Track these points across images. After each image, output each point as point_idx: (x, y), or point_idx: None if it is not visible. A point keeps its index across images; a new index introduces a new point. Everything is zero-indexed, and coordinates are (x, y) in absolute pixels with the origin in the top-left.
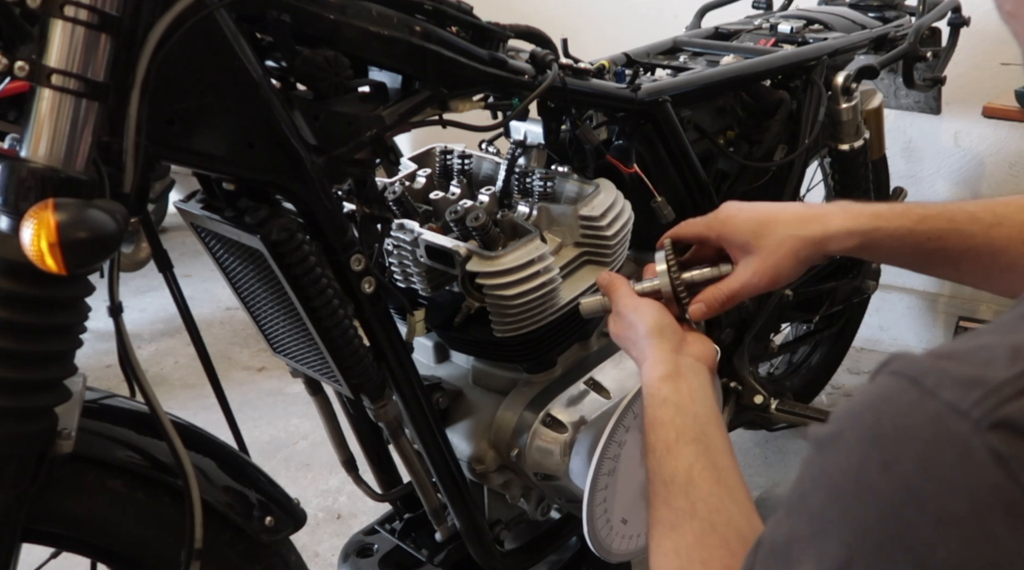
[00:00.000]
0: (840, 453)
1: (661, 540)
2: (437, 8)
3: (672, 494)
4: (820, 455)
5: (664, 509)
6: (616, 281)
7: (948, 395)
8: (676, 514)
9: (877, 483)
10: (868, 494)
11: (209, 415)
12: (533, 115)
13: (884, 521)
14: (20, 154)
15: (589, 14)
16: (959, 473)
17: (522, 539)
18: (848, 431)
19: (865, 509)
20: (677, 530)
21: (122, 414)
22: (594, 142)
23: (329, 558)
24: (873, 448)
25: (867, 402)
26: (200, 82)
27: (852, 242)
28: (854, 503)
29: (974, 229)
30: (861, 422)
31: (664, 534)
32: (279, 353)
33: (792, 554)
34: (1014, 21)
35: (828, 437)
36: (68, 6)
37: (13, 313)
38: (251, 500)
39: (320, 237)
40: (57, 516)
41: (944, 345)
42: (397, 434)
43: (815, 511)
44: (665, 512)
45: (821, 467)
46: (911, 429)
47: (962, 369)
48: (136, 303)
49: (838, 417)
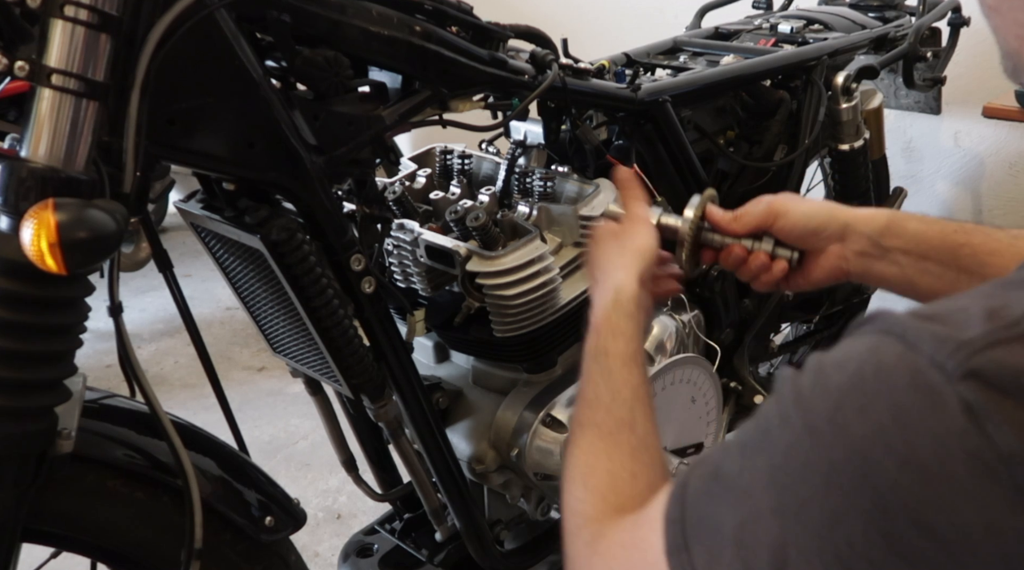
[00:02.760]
0: (819, 396)
1: (594, 440)
2: (437, 8)
3: (616, 404)
4: (795, 396)
5: (604, 414)
6: (635, 187)
7: (928, 349)
8: (616, 423)
9: (851, 424)
10: (841, 434)
11: (209, 415)
12: (533, 115)
13: (852, 460)
14: (20, 154)
15: (589, 14)
16: (928, 419)
17: (522, 539)
18: (832, 377)
19: (836, 447)
20: (613, 437)
21: (122, 414)
22: (594, 142)
23: (329, 558)
24: (853, 393)
25: (853, 354)
26: (200, 82)
27: (880, 221)
28: (826, 441)
29: (999, 235)
30: (844, 370)
31: (599, 436)
32: (279, 353)
33: (740, 485)
34: (995, 15)
35: (809, 382)
36: (68, 6)
37: (13, 313)
38: (251, 500)
39: (320, 237)
40: (57, 516)
41: (924, 307)
42: (397, 434)
43: (781, 447)
44: (604, 416)
45: (795, 406)
46: (891, 379)
47: (941, 327)
48: (136, 303)
49: (820, 365)
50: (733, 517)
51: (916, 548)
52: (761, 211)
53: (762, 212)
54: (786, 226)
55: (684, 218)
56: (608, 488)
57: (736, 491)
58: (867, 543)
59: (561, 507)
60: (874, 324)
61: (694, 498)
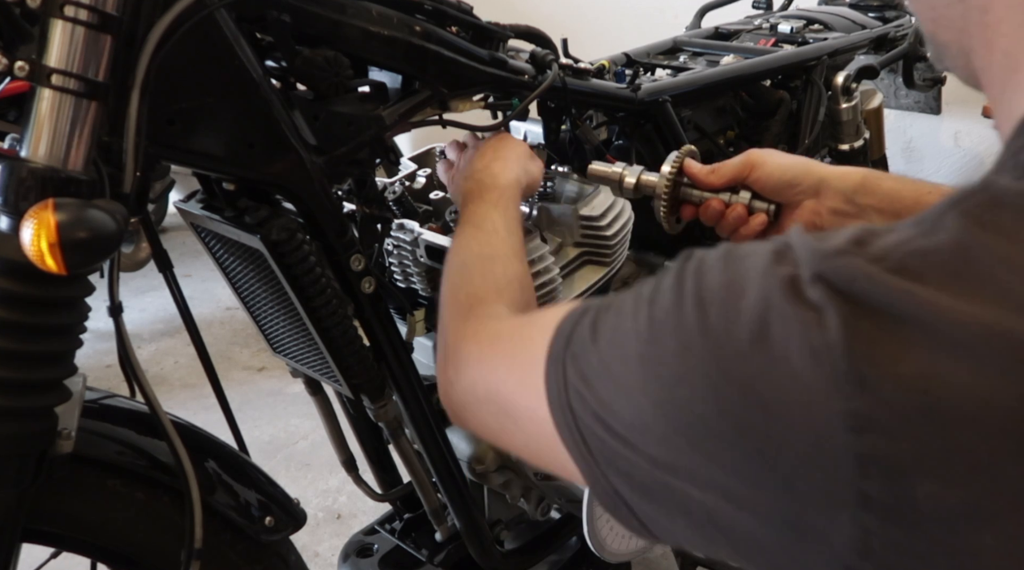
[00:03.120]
0: (706, 273)
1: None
2: (437, 8)
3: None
4: (695, 267)
5: (499, 243)
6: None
7: (800, 253)
8: (507, 251)
9: (717, 301)
10: (706, 305)
11: (209, 415)
12: (533, 115)
13: (710, 331)
14: (20, 154)
15: (589, 14)
16: (780, 308)
17: (522, 539)
18: (728, 261)
19: (700, 316)
20: (505, 258)
21: (122, 414)
22: (594, 142)
23: (329, 558)
24: (727, 274)
25: (752, 249)
26: (200, 82)
27: (854, 178)
28: (693, 309)
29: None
30: (735, 255)
31: (478, 262)
32: (279, 353)
33: (622, 325)
34: (913, 1)
35: (710, 259)
36: (68, 6)
37: (13, 313)
38: (251, 500)
39: (320, 237)
40: (57, 516)
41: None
42: (397, 434)
43: (661, 306)
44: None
45: (688, 276)
46: (764, 268)
47: (817, 241)
48: (136, 303)
49: (727, 250)
50: (609, 351)
51: (744, 416)
52: (737, 162)
53: (738, 163)
54: (761, 177)
55: (660, 173)
56: (505, 285)
57: (619, 330)
58: (704, 404)
59: (451, 285)
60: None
61: (587, 324)
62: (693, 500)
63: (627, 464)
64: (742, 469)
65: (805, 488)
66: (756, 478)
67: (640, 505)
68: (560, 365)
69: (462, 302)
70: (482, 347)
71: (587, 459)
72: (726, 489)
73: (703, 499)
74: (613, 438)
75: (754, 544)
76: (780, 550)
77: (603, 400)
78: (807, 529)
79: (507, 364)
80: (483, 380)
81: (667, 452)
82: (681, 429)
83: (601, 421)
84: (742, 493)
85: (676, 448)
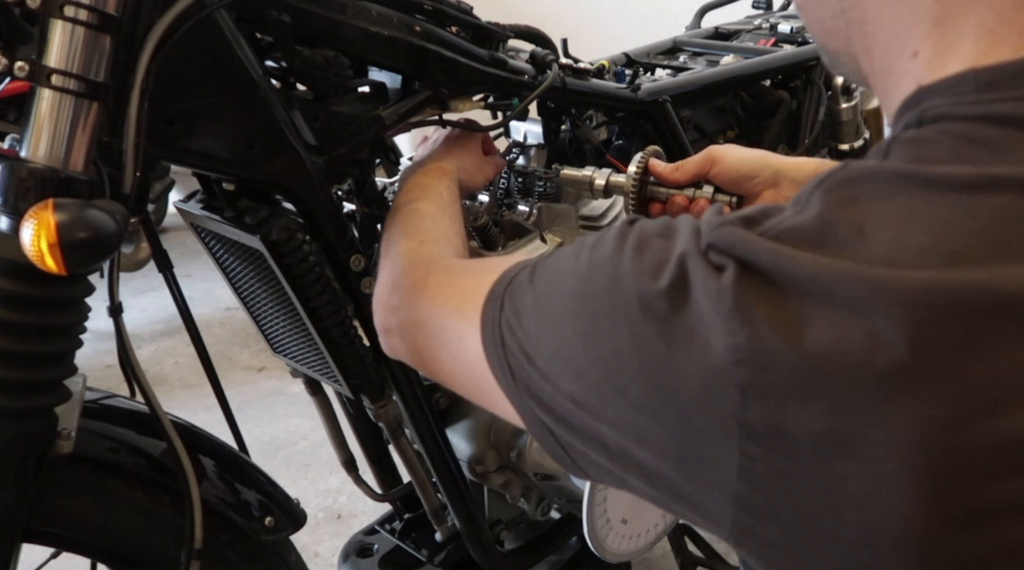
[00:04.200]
0: (647, 230)
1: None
2: (437, 8)
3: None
4: (636, 227)
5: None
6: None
7: (704, 228)
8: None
9: (654, 247)
10: (644, 250)
11: (209, 415)
12: (533, 115)
13: (609, 278)
14: (20, 154)
15: (589, 14)
16: (694, 260)
17: (522, 539)
18: (665, 224)
19: (634, 258)
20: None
21: (122, 414)
22: (594, 142)
23: (329, 558)
24: (663, 234)
25: (686, 221)
26: (200, 82)
27: (809, 168)
28: (639, 251)
29: None
30: (671, 223)
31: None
32: (279, 353)
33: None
34: (802, 12)
35: (651, 224)
36: (68, 6)
37: (13, 313)
38: (251, 500)
39: (320, 237)
40: (57, 516)
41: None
42: (397, 434)
43: (604, 251)
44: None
45: (627, 231)
46: (689, 235)
47: (718, 218)
48: (136, 303)
49: (665, 221)
50: (544, 289)
51: (652, 350)
52: (699, 159)
53: (700, 160)
54: (721, 172)
55: (627, 174)
56: (454, 235)
57: (557, 272)
58: (620, 337)
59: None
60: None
61: (529, 269)
62: (606, 435)
63: (550, 399)
64: (645, 404)
65: (698, 421)
66: (656, 412)
67: (563, 435)
68: (498, 303)
69: (411, 236)
70: (428, 274)
71: (514, 390)
72: (632, 424)
73: (613, 436)
74: (537, 373)
75: (659, 475)
76: (682, 483)
77: (531, 334)
78: (702, 461)
79: (449, 292)
80: (424, 306)
81: (582, 388)
82: (597, 362)
83: (527, 355)
84: (645, 428)
85: (590, 383)
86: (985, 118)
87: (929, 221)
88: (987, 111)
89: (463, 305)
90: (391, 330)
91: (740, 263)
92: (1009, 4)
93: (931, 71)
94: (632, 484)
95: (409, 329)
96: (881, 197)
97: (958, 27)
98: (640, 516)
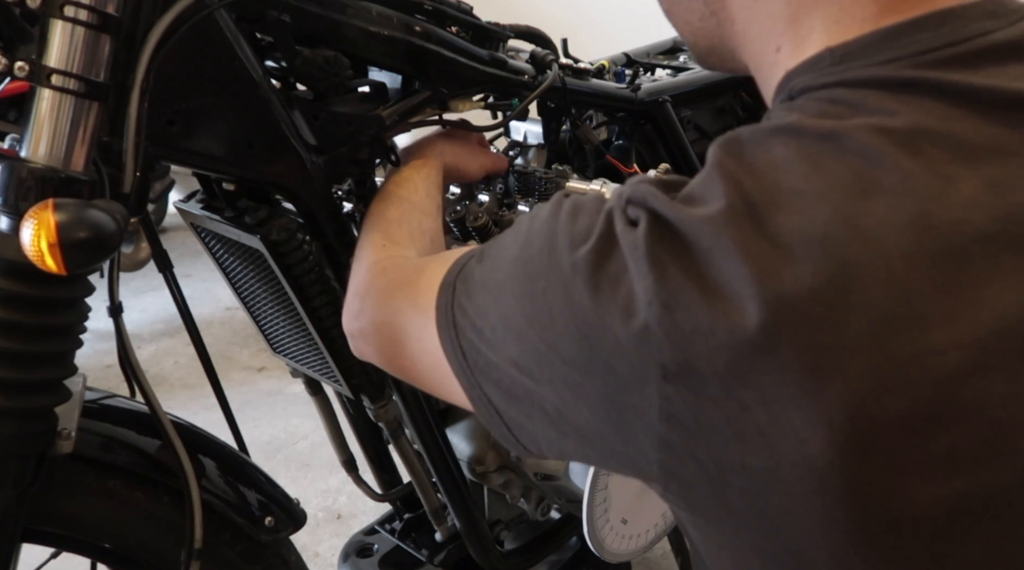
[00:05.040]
0: (580, 198)
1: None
2: (437, 8)
3: (412, 215)
4: (571, 197)
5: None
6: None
7: (627, 189)
8: (414, 206)
9: (586, 209)
10: (578, 213)
11: (209, 415)
12: (533, 115)
13: (573, 231)
14: (20, 154)
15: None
16: (618, 217)
17: (522, 539)
18: (597, 196)
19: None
20: (411, 215)
21: (122, 414)
22: (594, 142)
23: (329, 558)
24: (595, 200)
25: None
26: (200, 82)
27: None
28: (573, 214)
29: None
30: (588, 197)
31: (396, 214)
32: (279, 353)
33: (503, 246)
34: (670, 16)
35: (584, 196)
36: (68, 6)
37: (13, 313)
38: (251, 500)
39: (320, 237)
40: (57, 516)
41: None
42: (397, 434)
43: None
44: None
45: (562, 200)
46: (616, 197)
47: (640, 180)
48: (136, 303)
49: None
50: (491, 264)
51: (581, 304)
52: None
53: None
54: None
55: None
56: (419, 235)
57: (501, 246)
58: (554, 295)
59: (368, 230)
60: None
61: (478, 253)
62: (545, 398)
63: (496, 371)
64: (575, 357)
65: (622, 368)
66: (585, 365)
67: (508, 411)
68: (450, 289)
69: (376, 243)
70: (387, 279)
71: (465, 371)
72: (565, 378)
73: (551, 395)
74: (484, 345)
75: (593, 432)
76: (613, 434)
77: (478, 306)
78: (627, 408)
79: (405, 292)
80: (383, 308)
81: (522, 350)
82: (534, 322)
83: (476, 329)
84: (576, 381)
85: (529, 343)
86: (841, 83)
87: (800, 166)
88: (843, 78)
89: (419, 300)
90: (355, 334)
91: (652, 214)
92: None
93: (792, 59)
94: (571, 443)
95: (372, 332)
96: (760, 148)
97: (808, 23)
98: (640, 516)
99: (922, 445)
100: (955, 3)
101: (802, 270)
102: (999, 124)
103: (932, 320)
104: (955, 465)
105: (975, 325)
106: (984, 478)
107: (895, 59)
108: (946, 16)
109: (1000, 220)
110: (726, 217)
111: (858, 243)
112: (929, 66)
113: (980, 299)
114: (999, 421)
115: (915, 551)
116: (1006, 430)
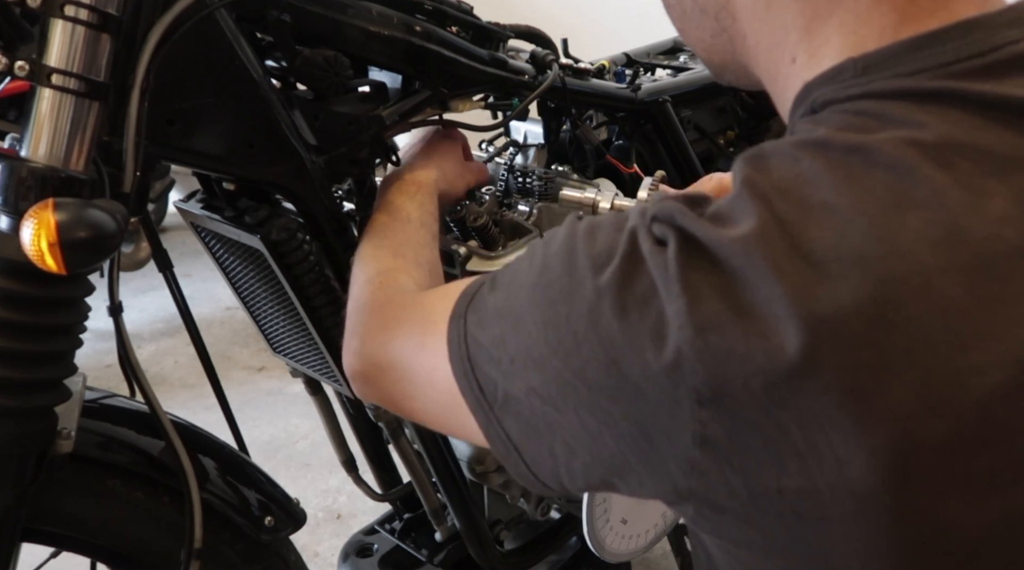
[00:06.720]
0: (597, 218)
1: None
2: (437, 8)
3: (413, 229)
4: (585, 220)
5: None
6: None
7: (651, 207)
8: (409, 237)
9: (604, 230)
10: (596, 233)
11: (209, 415)
12: (533, 115)
13: (593, 252)
14: (20, 154)
15: (589, 14)
16: (643, 236)
17: (522, 539)
18: (615, 215)
19: (587, 242)
20: (406, 247)
21: (122, 414)
22: (594, 142)
23: (329, 558)
24: (613, 220)
25: (633, 209)
26: (200, 82)
27: None
28: (591, 234)
29: None
30: (618, 215)
31: (390, 247)
32: (279, 353)
33: (516, 280)
34: (683, 34)
35: (600, 217)
36: (68, 6)
37: (13, 313)
38: (251, 500)
39: (320, 237)
40: (57, 516)
41: None
42: (397, 434)
43: (557, 243)
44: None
45: (577, 223)
46: (636, 215)
47: (664, 199)
48: (136, 303)
49: (613, 214)
50: (505, 292)
51: (607, 327)
52: (712, 187)
53: (712, 188)
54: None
55: (637, 199)
56: (415, 268)
57: (515, 272)
58: (578, 319)
59: (361, 265)
60: None
61: (488, 282)
62: (568, 429)
63: (516, 404)
64: (603, 383)
65: (652, 393)
66: (613, 390)
67: (527, 447)
68: (461, 321)
69: (371, 279)
70: (386, 316)
71: (482, 405)
72: (591, 406)
73: (575, 425)
74: (502, 376)
75: (619, 461)
76: (640, 462)
77: (494, 336)
78: (657, 433)
79: (409, 329)
80: (385, 347)
81: (544, 379)
82: (557, 349)
83: (493, 360)
84: (604, 407)
85: (552, 372)
86: (867, 95)
87: (831, 180)
88: (867, 90)
89: (425, 339)
90: (356, 377)
91: (680, 232)
92: (864, 8)
93: (809, 70)
94: (596, 475)
95: (376, 374)
96: (787, 162)
97: (824, 32)
98: (640, 516)
99: (963, 466)
100: (977, 13)
101: (840, 288)
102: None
103: (972, 338)
104: (995, 486)
105: (1016, 344)
106: (1022, 499)
107: (921, 70)
108: (970, 26)
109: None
110: (757, 236)
111: (895, 259)
112: (955, 77)
113: (1020, 317)
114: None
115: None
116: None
